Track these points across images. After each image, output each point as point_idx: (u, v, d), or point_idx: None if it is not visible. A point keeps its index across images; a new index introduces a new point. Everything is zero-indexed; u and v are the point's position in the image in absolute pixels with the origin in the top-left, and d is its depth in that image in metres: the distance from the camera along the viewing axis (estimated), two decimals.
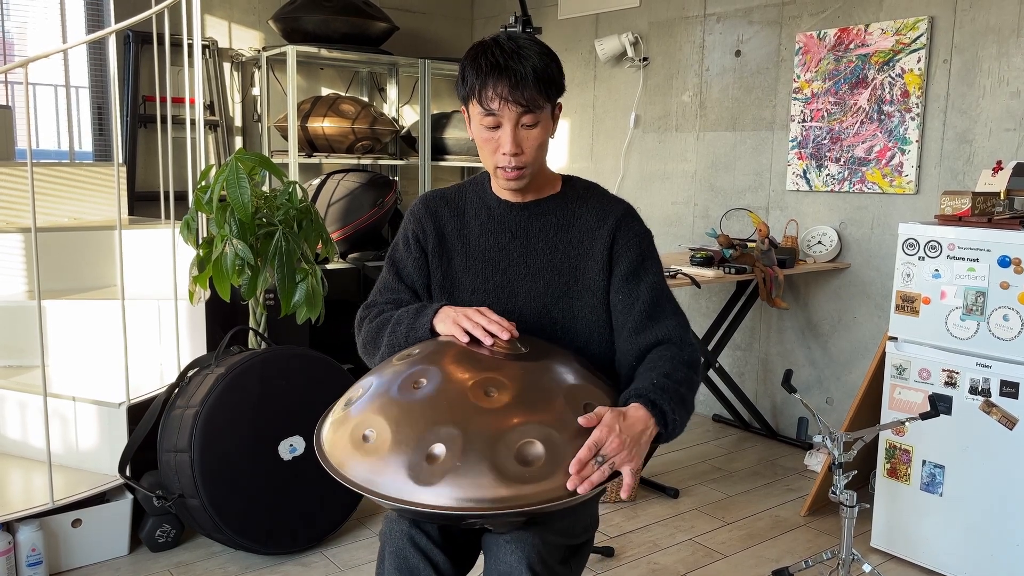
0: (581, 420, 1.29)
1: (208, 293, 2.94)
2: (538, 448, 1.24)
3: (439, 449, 1.23)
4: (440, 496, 1.20)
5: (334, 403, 1.47)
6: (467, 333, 1.44)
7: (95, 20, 4.14)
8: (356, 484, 1.25)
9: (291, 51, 4.16)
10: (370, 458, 1.26)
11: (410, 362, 1.39)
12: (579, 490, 1.23)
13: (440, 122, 4.75)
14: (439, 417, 1.27)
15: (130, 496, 2.60)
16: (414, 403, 1.30)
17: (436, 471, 1.21)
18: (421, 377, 1.34)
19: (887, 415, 2.67)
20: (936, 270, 2.51)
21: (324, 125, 4.28)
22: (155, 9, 2.71)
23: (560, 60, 1.52)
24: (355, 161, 4.50)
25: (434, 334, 1.50)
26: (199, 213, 2.75)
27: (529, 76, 1.43)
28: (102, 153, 4.24)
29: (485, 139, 1.49)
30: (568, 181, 1.64)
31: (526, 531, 1.39)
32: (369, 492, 1.24)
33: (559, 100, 1.53)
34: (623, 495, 1.27)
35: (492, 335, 1.43)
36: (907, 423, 2.26)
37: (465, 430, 1.24)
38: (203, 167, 2.80)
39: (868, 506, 2.41)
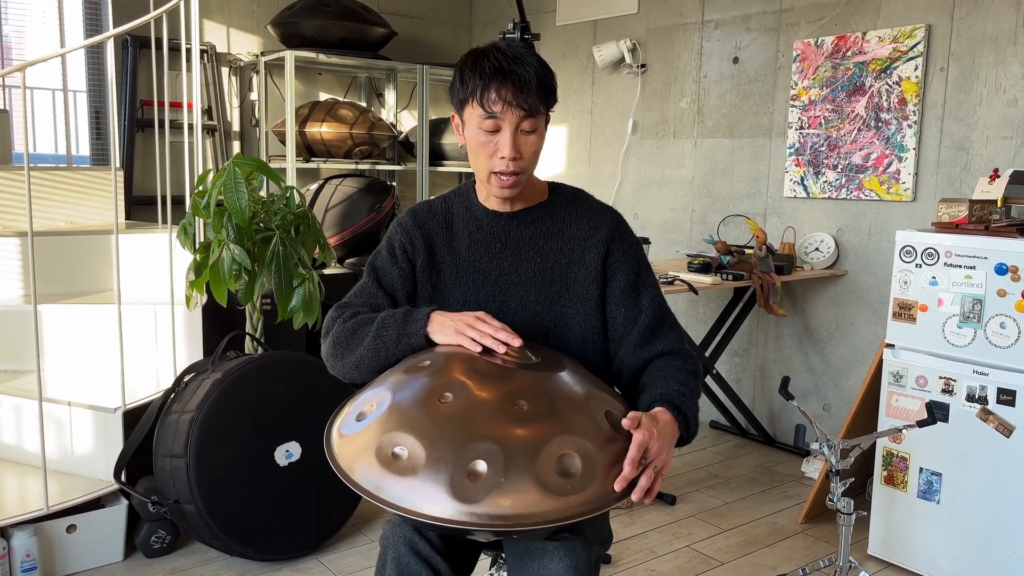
0: (625, 422, 1.31)
1: (205, 298, 2.93)
2: (576, 460, 1.25)
3: (481, 466, 1.21)
4: (485, 514, 1.19)
5: (336, 417, 1.43)
6: (475, 341, 1.43)
7: (93, 24, 4.14)
8: (396, 506, 1.23)
9: (289, 56, 4.16)
10: (405, 477, 1.23)
11: (424, 375, 1.36)
12: (633, 497, 1.25)
13: (438, 127, 4.75)
14: (475, 433, 1.25)
15: (125, 502, 2.59)
16: (446, 419, 1.27)
17: (480, 488, 1.20)
18: (446, 391, 1.31)
19: (884, 422, 2.67)
20: (933, 277, 2.51)
21: (322, 130, 4.28)
22: (154, 13, 2.71)
23: (554, 69, 1.53)
24: (353, 166, 4.50)
25: (429, 342, 1.49)
26: (196, 218, 2.75)
27: (533, 81, 1.45)
28: (99, 157, 4.24)
29: (482, 143, 1.48)
30: (555, 189, 1.64)
31: (573, 539, 1.39)
32: (411, 512, 1.21)
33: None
34: (641, 498, 1.29)
35: (503, 343, 1.43)
36: (904, 430, 2.26)
37: (504, 445, 1.23)
38: (201, 172, 2.79)
39: (865, 513, 2.41)
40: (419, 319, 1.49)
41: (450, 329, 1.46)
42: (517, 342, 1.43)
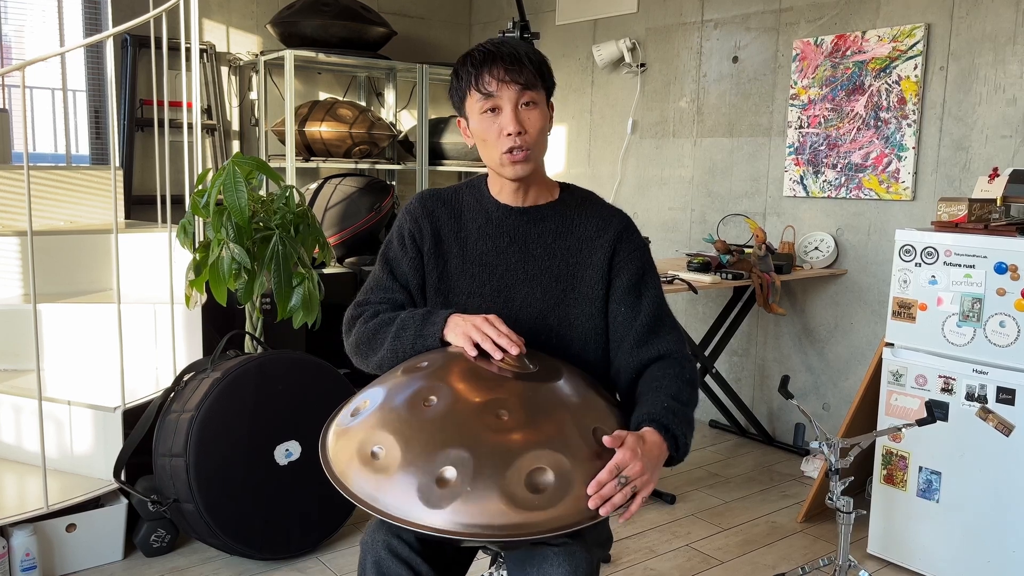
0: (606, 440, 1.30)
1: (204, 297, 2.94)
2: (548, 475, 1.24)
3: (450, 473, 1.22)
4: (447, 520, 1.19)
5: (339, 409, 1.45)
6: (476, 346, 1.42)
7: (93, 23, 4.14)
8: (361, 500, 1.24)
9: (289, 55, 4.16)
10: (379, 475, 1.24)
11: (418, 376, 1.37)
12: (601, 511, 1.25)
13: (438, 127, 4.75)
14: (449, 439, 1.25)
15: (125, 501, 2.59)
16: (425, 422, 1.28)
17: (446, 495, 1.20)
18: (432, 395, 1.32)
19: (884, 421, 2.67)
20: (933, 276, 2.51)
21: (322, 129, 4.29)
22: (153, 13, 2.71)
23: (554, 69, 1.55)
24: (352, 166, 4.50)
25: (443, 343, 1.48)
26: (196, 217, 2.75)
27: (523, 58, 1.48)
28: (99, 157, 4.24)
29: (487, 128, 1.49)
30: (566, 188, 1.65)
31: (573, 544, 1.39)
32: (373, 509, 1.23)
33: (551, 100, 1.56)
34: (620, 519, 1.30)
35: (501, 348, 1.42)
36: (904, 429, 2.26)
37: (475, 454, 1.23)
38: (200, 171, 2.79)
39: (865, 512, 2.41)
40: (437, 322, 1.49)
41: (459, 330, 1.46)
42: (515, 350, 1.42)
